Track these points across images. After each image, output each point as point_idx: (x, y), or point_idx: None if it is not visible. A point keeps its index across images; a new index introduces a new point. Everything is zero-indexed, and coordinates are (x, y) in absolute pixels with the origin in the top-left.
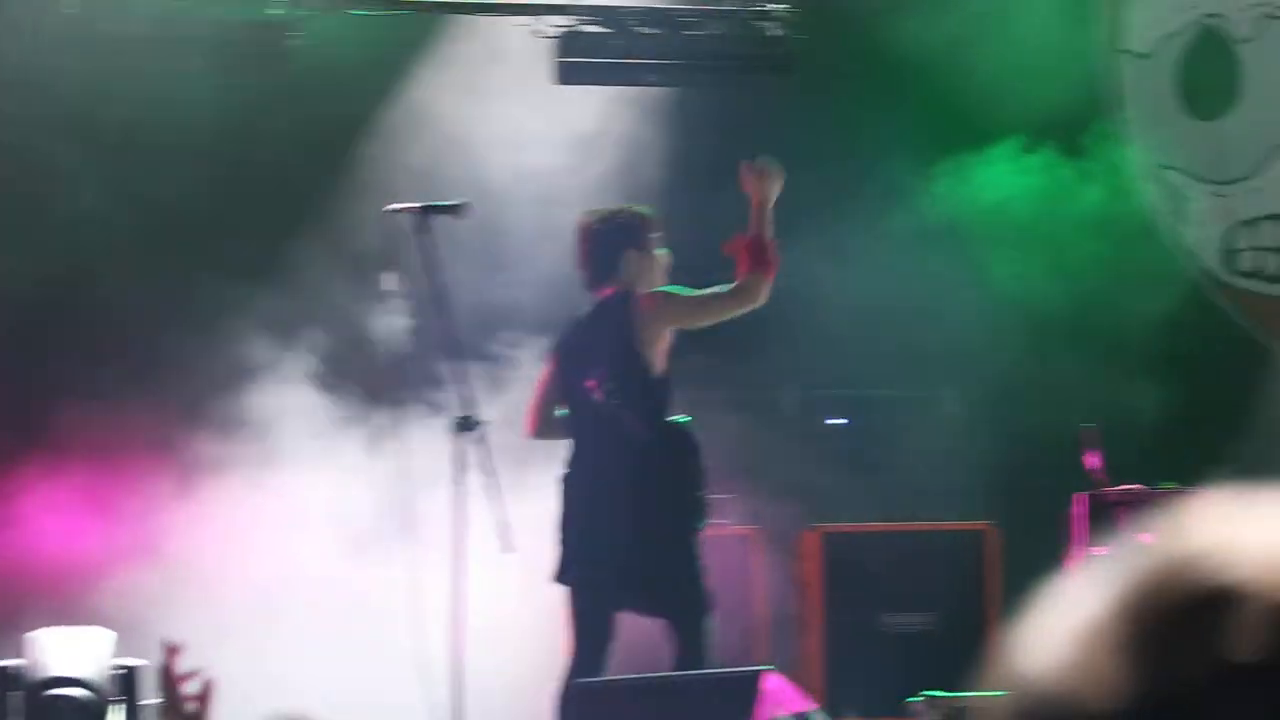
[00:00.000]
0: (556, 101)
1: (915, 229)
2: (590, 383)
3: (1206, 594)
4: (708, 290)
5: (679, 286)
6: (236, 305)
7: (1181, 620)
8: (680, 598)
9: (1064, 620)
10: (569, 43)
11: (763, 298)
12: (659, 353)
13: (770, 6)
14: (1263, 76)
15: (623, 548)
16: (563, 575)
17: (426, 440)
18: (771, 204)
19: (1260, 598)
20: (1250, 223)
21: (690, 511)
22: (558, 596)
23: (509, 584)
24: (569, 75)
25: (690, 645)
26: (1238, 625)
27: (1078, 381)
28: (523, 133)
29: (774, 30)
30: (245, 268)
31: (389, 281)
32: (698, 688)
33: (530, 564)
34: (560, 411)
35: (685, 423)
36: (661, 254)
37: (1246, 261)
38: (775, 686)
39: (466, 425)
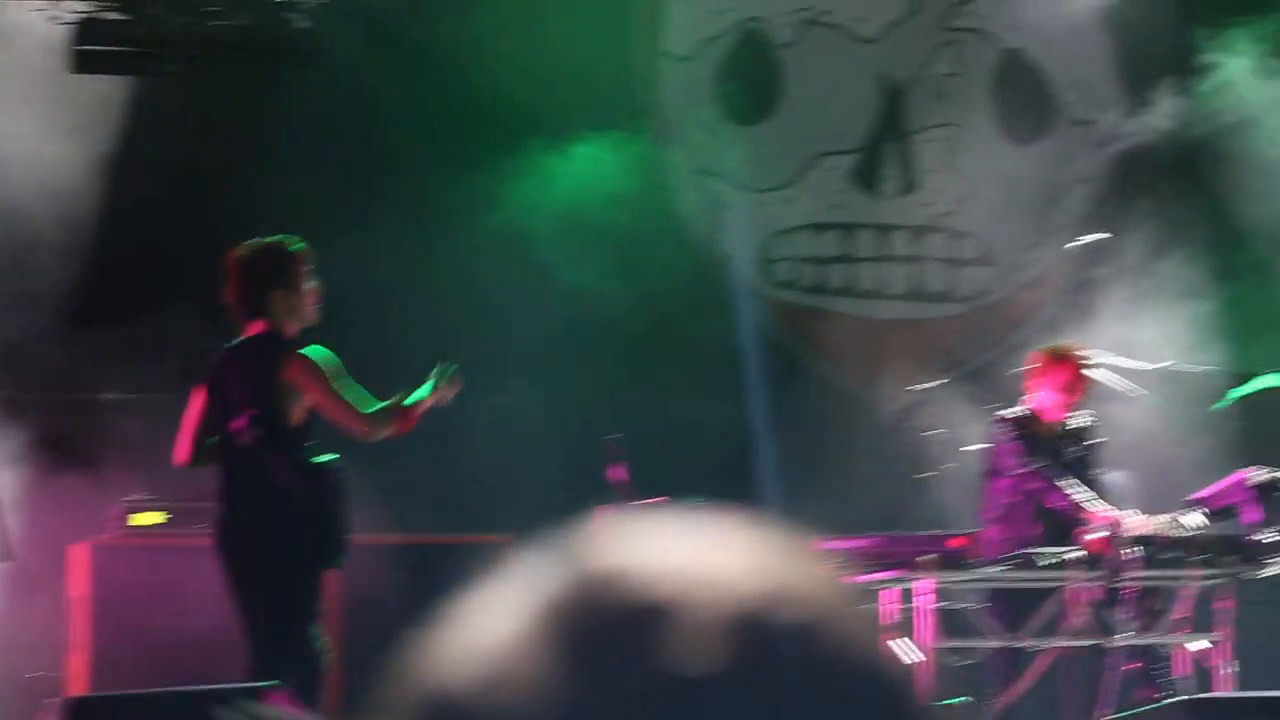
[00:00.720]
0: (75, 96)
1: (475, 233)
2: (237, 423)
3: (636, 608)
4: (344, 394)
5: (332, 362)
6: None
7: (612, 633)
8: (283, 648)
9: (490, 631)
10: (86, 30)
11: (374, 439)
12: (300, 406)
13: None
14: (803, 83)
15: (260, 593)
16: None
17: None
18: (437, 403)
19: (689, 613)
20: (787, 232)
21: (326, 555)
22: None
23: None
24: (85, 64)
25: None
26: (668, 639)
27: (630, 391)
28: (40, 139)
29: (301, 22)
30: None
31: None
32: (201, 703)
33: (35, 574)
34: (210, 440)
35: (330, 462)
36: (311, 287)
37: (783, 272)
38: (279, 703)
39: None
